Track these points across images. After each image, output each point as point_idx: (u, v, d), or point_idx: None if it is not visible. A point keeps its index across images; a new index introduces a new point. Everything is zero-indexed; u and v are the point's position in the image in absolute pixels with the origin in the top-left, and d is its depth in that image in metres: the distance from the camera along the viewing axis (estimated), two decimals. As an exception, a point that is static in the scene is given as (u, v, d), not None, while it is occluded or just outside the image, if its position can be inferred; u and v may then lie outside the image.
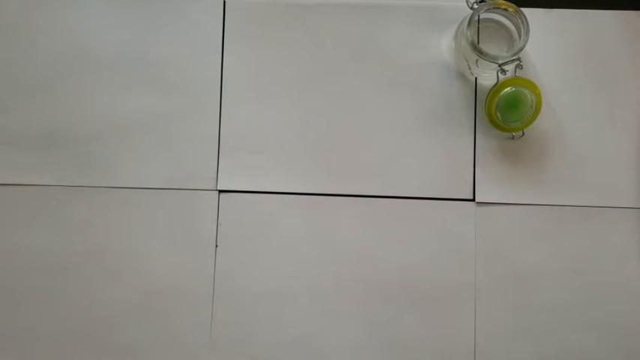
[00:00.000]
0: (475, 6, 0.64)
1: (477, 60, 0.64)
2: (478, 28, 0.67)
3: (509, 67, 0.63)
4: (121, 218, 0.67)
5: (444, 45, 0.69)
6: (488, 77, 0.67)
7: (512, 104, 0.64)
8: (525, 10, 0.64)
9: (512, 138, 0.67)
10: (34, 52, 0.69)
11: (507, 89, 0.63)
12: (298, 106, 0.68)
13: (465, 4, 0.65)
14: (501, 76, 0.64)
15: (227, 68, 0.68)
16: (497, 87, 0.64)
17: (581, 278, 0.66)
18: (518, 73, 0.64)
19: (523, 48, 0.63)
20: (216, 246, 0.67)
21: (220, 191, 0.68)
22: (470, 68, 0.66)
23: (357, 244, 0.67)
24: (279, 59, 0.69)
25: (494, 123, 0.65)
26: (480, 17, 0.66)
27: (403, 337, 0.66)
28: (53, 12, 0.70)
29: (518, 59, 0.63)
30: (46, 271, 0.67)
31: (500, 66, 0.63)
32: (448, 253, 0.66)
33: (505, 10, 0.64)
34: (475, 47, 0.63)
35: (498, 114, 0.64)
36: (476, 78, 0.68)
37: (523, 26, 0.63)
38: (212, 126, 0.68)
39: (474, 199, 0.67)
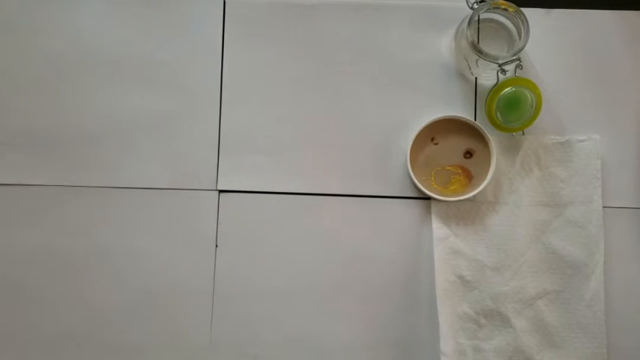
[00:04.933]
0: (475, 6, 0.64)
1: (477, 60, 0.64)
2: (478, 28, 0.67)
3: (509, 67, 0.63)
4: (122, 218, 0.67)
5: (444, 45, 0.69)
6: (488, 77, 0.67)
7: (513, 104, 0.64)
8: (525, 10, 0.64)
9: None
10: (34, 52, 0.69)
11: (507, 89, 0.63)
12: (298, 106, 0.68)
13: (465, 4, 0.65)
14: (501, 76, 0.64)
15: (227, 68, 0.68)
16: (498, 87, 0.64)
17: (581, 278, 0.66)
18: (518, 73, 0.64)
19: (523, 48, 0.63)
20: (216, 246, 0.67)
21: (220, 191, 0.68)
22: (470, 68, 0.66)
23: (357, 243, 0.67)
24: (278, 59, 0.68)
25: (494, 123, 0.65)
26: (480, 17, 0.66)
27: (403, 336, 0.66)
28: (53, 12, 0.70)
29: (518, 59, 0.63)
30: (47, 271, 0.67)
31: (500, 66, 0.63)
32: (448, 253, 0.66)
33: (505, 10, 0.64)
34: (475, 47, 0.63)
35: (498, 114, 0.64)
36: (476, 78, 0.68)
37: (523, 26, 0.63)
38: (212, 126, 0.68)
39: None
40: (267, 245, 0.67)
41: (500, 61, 0.63)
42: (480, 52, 0.62)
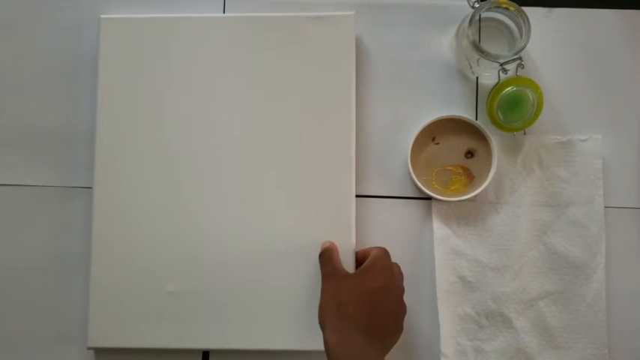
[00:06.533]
0: (476, 5, 0.64)
1: (478, 59, 0.63)
2: (479, 27, 0.67)
3: (511, 67, 0.63)
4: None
5: (444, 44, 0.68)
6: (489, 76, 0.67)
7: (514, 104, 0.63)
8: (527, 9, 0.63)
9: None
10: (33, 51, 0.69)
11: (509, 88, 0.63)
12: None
13: (467, 3, 0.65)
14: (503, 76, 0.64)
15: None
16: (499, 86, 0.63)
17: (582, 278, 0.65)
18: (520, 72, 0.64)
19: (524, 47, 0.62)
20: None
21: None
22: (471, 67, 0.66)
23: (357, 244, 0.66)
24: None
25: (495, 122, 0.65)
26: (481, 16, 0.66)
27: (404, 337, 0.65)
28: (53, 12, 0.69)
29: (520, 58, 0.63)
30: (46, 271, 0.67)
31: (501, 65, 0.63)
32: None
33: (506, 9, 0.63)
34: (476, 46, 0.62)
35: (500, 113, 0.64)
36: (477, 77, 0.68)
37: (524, 25, 0.63)
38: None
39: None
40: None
41: (502, 61, 0.63)
42: (481, 51, 0.62)
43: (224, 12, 0.69)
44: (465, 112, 0.67)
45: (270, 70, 0.66)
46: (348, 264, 0.64)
